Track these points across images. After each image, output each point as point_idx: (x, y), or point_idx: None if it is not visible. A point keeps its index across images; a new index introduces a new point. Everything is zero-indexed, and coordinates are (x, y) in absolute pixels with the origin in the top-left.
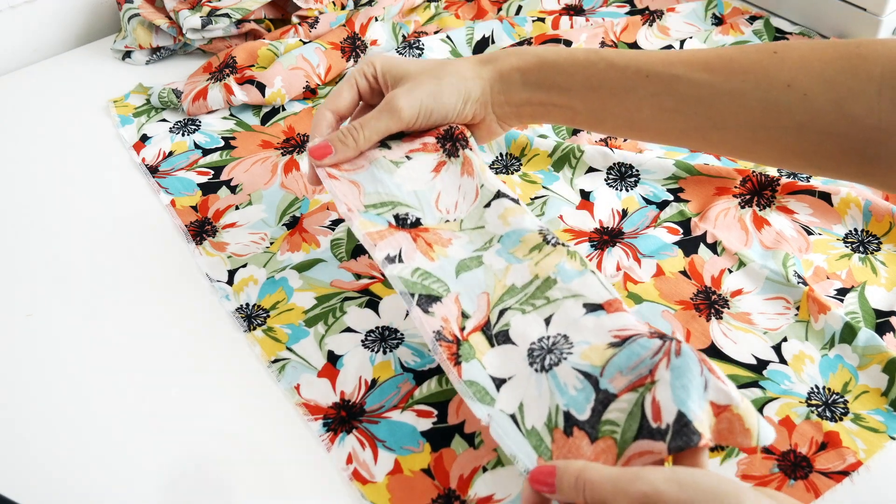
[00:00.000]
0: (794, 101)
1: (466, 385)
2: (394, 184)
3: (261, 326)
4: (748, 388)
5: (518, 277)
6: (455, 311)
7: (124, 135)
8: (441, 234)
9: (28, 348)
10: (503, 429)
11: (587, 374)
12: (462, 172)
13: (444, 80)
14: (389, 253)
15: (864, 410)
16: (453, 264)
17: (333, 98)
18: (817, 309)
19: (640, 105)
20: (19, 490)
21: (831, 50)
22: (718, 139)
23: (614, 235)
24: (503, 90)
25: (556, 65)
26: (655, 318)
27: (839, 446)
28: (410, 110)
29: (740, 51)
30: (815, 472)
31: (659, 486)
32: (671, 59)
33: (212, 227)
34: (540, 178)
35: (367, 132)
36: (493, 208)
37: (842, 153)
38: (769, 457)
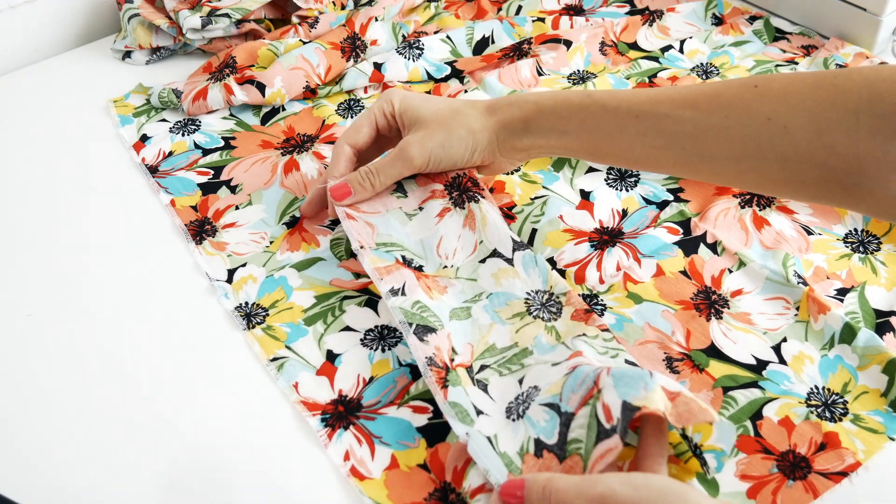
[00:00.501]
0: (775, 133)
1: (450, 406)
2: (405, 233)
3: (260, 325)
4: (748, 388)
5: (499, 338)
6: (447, 344)
7: (124, 135)
8: (438, 282)
9: (28, 348)
10: (479, 446)
11: (551, 404)
12: (464, 224)
13: (454, 132)
14: (394, 286)
15: (864, 411)
16: (447, 310)
17: (352, 133)
18: (817, 309)
19: (631, 143)
20: (19, 490)
21: (810, 81)
22: (707, 171)
23: (614, 235)
24: (508, 138)
25: (553, 111)
26: (655, 317)
27: (838, 447)
28: (421, 159)
29: (724, 86)
30: (814, 473)
31: (615, 488)
32: (659, 98)
33: (212, 227)
34: (540, 179)
35: (382, 178)
36: (487, 265)
37: (823, 181)
38: (768, 457)
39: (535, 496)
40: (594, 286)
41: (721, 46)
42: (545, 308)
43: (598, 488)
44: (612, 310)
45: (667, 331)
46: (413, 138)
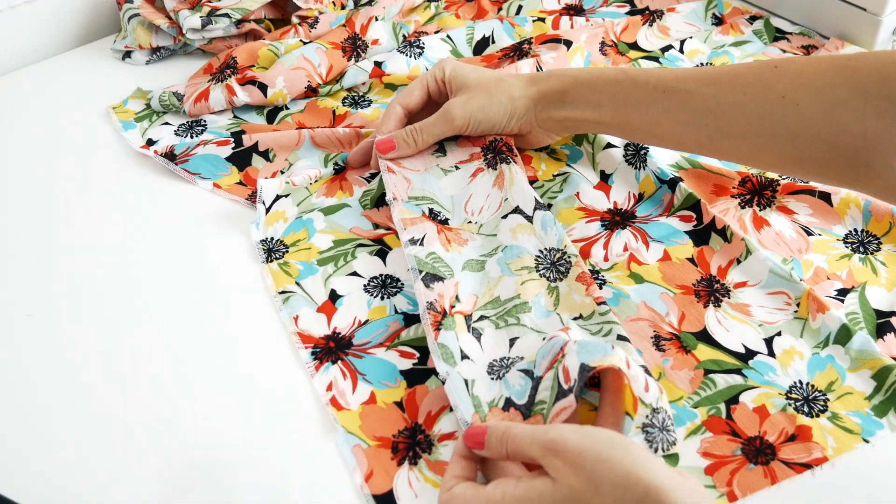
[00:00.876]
0: (788, 111)
1: (438, 346)
2: (438, 187)
3: (277, 260)
4: (730, 374)
5: (504, 290)
6: (451, 292)
7: (129, 139)
8: (461, 234)
9: (28, 348)
10: (454, 385)
11: (526, 370)
12: (493, 183)
13: (495, 97)
14: (414, 236)
15: (844, 410)
16: (462, 260)
17: (406, 94)
18: (816, 308)
19: (657, 118)
20: (19, 490)
21: (825, 63)
22: (727, 147)
23: (626, 218)
24: (545, 108)
25: (588, 83)
26: (653, 298)
27: (808, 440)
28: (462, 120)
29: (747, 66)
30: (777, 460)
31: (565, 434)
32: (685, 76)
33: None
34: (566, 154)
35: (425, 135)
36: (508, 220)
37: (832, 160)
38: (735, 439)
39: (495, 441)
40: (598, 263)
41: (721, 46)
42: (554, 267)
43: (549, 434)
44: (611, 285)
45: (661, 312)
46: (456, 100)
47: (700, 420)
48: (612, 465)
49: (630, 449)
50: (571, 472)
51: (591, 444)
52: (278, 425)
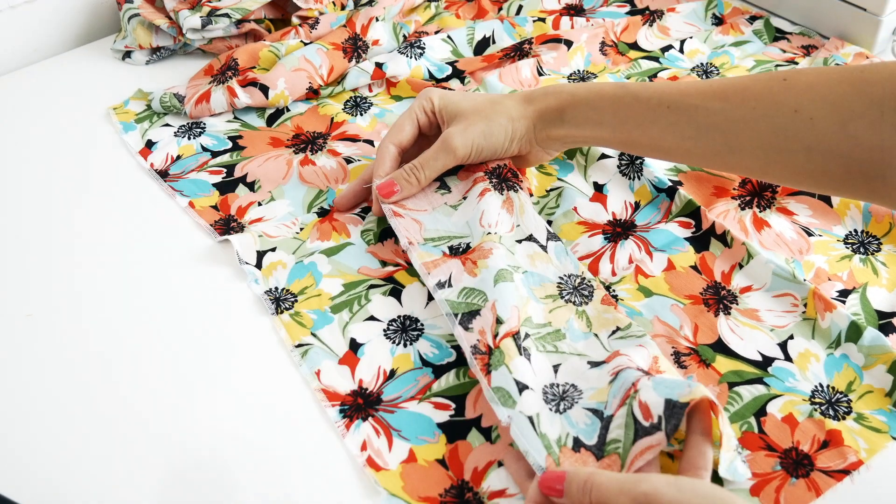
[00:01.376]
0: (801, 125)
1: (494, 391)
2: (451, 223)
3: (288, 311)
4: (752, 384)
5: (535, 314)
6: (490, 319)
7: (129, 141)
8: (483, 248)
9: (28, 348)
10: (520, 427)
11: (595, 410)
12: (502, 206)
13: (494, 121)
14: (441, 279)
15: (868, 410)
16: (493, 274)
17: (396, 132)
18: (823, 307)
19: (663, 134)
20: (19, 490)
21: (836, 75)
22: (735, 162)
23: (627, 228)
24: (544, 127)
25: (587, 101)
26: (665, 311)
27: (841, 445)
28: (464, 149)
29: (753, 79)
30: (817, 471)
31: (660, 488)
32: (690, 91)
33: (238, 224)
34: (555, 170)
35: (427, 171)
36: (523, 246)
37: (847, 173)
38: (771, 454)
39: (576, 489)
40: (607, 278)
41: (721, 46)
42: (577, 292)
43: (642, 487)
44: (622, 301)
45: (675, 325)
46: (455, 129)
47: (736, 438)
48: None
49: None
50: None
51: (690, 499)
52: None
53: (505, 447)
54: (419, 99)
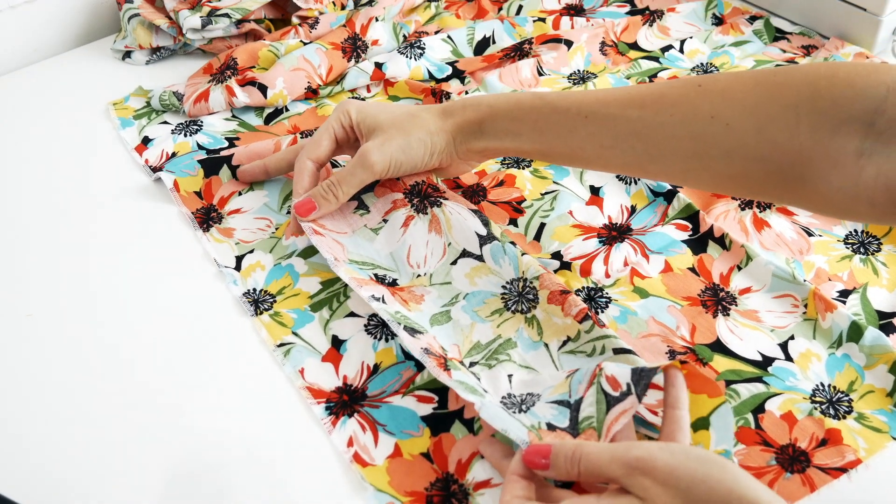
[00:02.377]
0: (718, 131)
1: (457, 383)
2: (374, 250)
3: (267, 311)
4: (752, 383)
5: (482, 335)
6: (436, 344)
7: (125, 137)
8: (414, 292)
9: (28, 348)
10: (493, 412)
11: (559, 401)
12: (430, 229)
13: (413, 135)
14: (374, 294)
15: (868, 410)
16: (427, 318)
17: (313, 147)
18: (824, 307)
19: (582, 143)
20: (19, 490)
21: (751, 79)
22: (656, 170)
23: (623, 231)
24: (464, 141)
25: (507, 113)
26: (661, 312)
27: (840, 443)
28: (382, 164)
29: (669, 86)
30: (813, 467)
31: (653, 452)
32: (608, 99)
33: (217, 214)
34: (550, 174)
35: (345, 188)
36: (459, 266)
37: (767, 177)
38: (767, 449)
39: (563, 461)
40: (600, 280)
41: (721, 46)
42: (522, 298)
43: (634, 452)
44: (616, 302)
45: (671, 325)
46: (372, 144)
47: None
48: (712, 484)
49: (726, 467)
50: (663, 491)
51: (682, 461)
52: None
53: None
54: (336, 112)
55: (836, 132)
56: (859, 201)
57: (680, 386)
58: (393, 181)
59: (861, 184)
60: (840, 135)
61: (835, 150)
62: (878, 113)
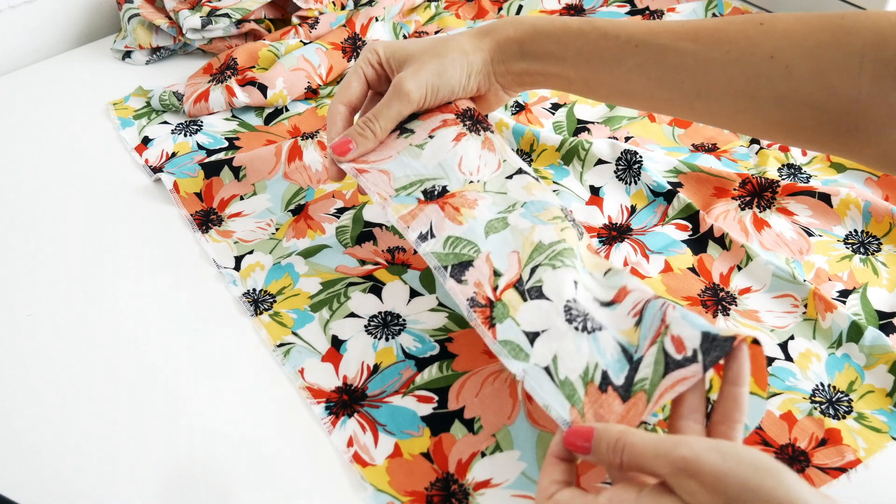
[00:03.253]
0: (777, 71)
1: (501, 345)
2: (420, 164)
3: (267, 311)
4: None
5: (545, 236)
6: (487, 272)
7: (125, 137)
8: (467, 196)
9: (28, 348)
10: (537, 381)
11: (625, 348)
12: (483, 146)
13: (447, 56)
14: (422, 231)
15: (868, 410)
16: (481, 225)
17: (343, 91)
18: (824, 307)
19: (629, 74)
20: (19, 490)
21: (816, 22)
22: (703, 108)
23: (623, 231)
24: (502, 60)
25: (550, 34)
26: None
27: (839, 443)
28: (419, 91)
29: (728, 21)
30: (813, 467)
31: (700, 453)
32: (659, 30)
33: (217, 217)
34: (550, 174)
35: (382, 122)
36: (515, 180)
37: (819, 125)
38: (767, 449)
39: (605, 448)
40: None
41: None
42: (575, 224)
43: (680, 450)
44: None
45: None
46: (406, 73)
47: None
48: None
49: (781, 476)
50: (710, 498)
51: (733, 467)
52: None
53: (487, 438)
54: (364, 52)
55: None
56: None
57: (744, 361)
58: (442, 106)
59: None
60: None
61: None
62: None
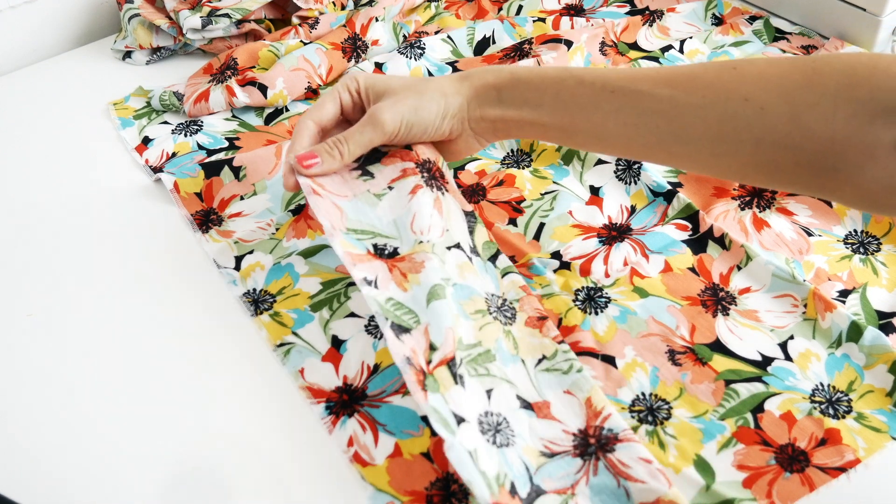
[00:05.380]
0: (752, 114)
1: (431, 410)
2: (375, 216)
3: (267, 311)
4: (751, 382)
5: (465, 334)
6: (423, 344)
7: (126, 137)
8: (415, 259)
9: (28, 348)
10: (461, 458)
11: (526, 466)
12: (434, 205)
13: (426, 95)
14: (367, 276)
15: (868, 410)
16: (425, 291)
17: (316, 109)
18: (824, 307)
19: (605, 120)
20: (19, 490)
21: (788, 64)
22: (681, 152)
23: (623, 231)
24: (479, 106)
25: (528, 81)
26: (660, 312)
27: (839, 443)
28: (393, 123)
29: (702, 67)
30: (812, 467)
31: None
32: (636, 76)
33: (217, 217)
34: (550, 174)
35: (351, 146)
36: (453, 254)
37: (797, 166)
38: (767, 449)
39: None
40: (599, 279)
41: (721, 46)
42: (501, 311)
43: None
44: (616, 302)
45: (671, 325)
46: (384, 104)
47: (730, 432)
48: None
49: None
50: None
51: None
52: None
53: None
54: (344, 78)
55: (874, 122)
56: (893, 194)
57: None
58: (405, 151)
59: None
60: (877, 125)
61: (871, 141)
62: None
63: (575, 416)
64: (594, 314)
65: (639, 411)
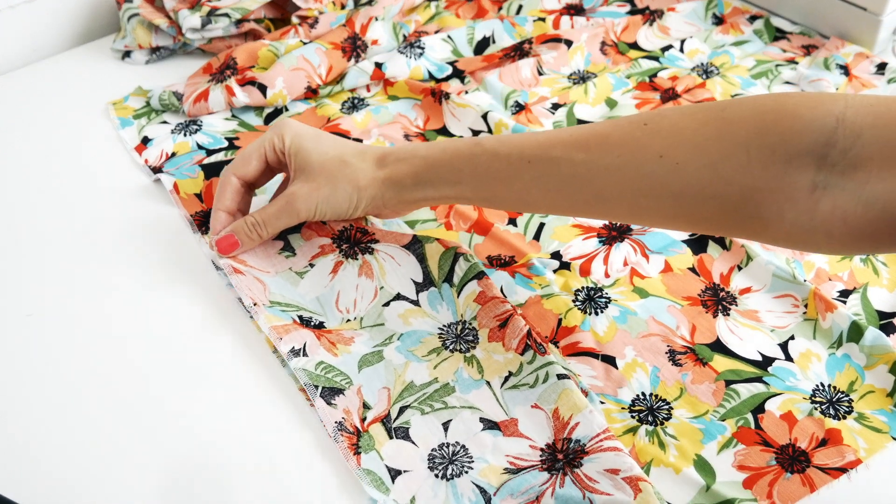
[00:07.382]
0: (668, 170)
1: (364, 473)
2: (298, 294)
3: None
4: (751, 383)
5: (417, 376)
6: (357, 403)
7: (125, 137)
8: (343, 334)
9: (27, 348)
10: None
11: (483, 489)
12: (360, 273)
13: (339, 188)
14: (294, 346)
15: (869, 410)
16: (356, 359)
17: (241, 164)
18: (824, 307)
19: (527, 188)
20: (19, 490)
21: (700, 116)
22: (605, 210)
23: (623, 232)
24: (396, 193)
25: (442, 164)
26: (661, 312)
27: (840, 443)
28: (307, 213)
29: (614, 125)
30: (813, 467)
31: None
32: (549, 141)
33: None
34: None
35: (269, 229)
36: (392, 307)
37: (721, 214)
38: (767, 449)
39: None
40: (599, 279)
41: (721, 46)
42: (461, 340)
43: None
44: (616, 302)
45: (671, 325)
46: (300, 191)
47: (730, 432)
48: None
49: None
50: None
51: None
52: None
53: None
54: (271, 132)
55: (788, 167)
56: (816, 234)
57: None
58: (320, 225)
59: (817, 217)
60: (792, 169)
61: (788, 185)
62: (830, 145)
63: (542, 430)
64: (594, 314)
65: (639, 411)
